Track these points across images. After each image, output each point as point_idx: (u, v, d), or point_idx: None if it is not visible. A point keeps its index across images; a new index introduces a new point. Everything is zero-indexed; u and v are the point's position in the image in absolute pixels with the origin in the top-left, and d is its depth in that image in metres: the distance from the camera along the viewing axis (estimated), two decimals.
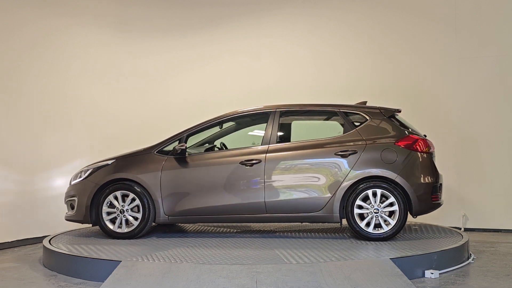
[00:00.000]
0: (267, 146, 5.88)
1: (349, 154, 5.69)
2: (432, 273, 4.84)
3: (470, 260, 5.58)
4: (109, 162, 6.01)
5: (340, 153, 5.71)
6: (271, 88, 8.52)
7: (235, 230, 6.48)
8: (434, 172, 5.77)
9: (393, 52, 8.25)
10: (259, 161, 5.78)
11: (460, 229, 7.48)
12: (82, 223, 6.13)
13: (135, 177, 5.85)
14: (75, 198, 5.97)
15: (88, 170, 6.05)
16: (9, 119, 6.96)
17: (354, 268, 4.46)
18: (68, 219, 6.14)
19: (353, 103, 6.46)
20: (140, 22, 8.61)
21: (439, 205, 5.84)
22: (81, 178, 6.03)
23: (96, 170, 5.99)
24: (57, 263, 5.25)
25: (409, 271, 4.66)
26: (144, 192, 5.83)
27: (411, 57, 8.17)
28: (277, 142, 5.90)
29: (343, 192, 5.64)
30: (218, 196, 5.78)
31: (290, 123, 6.37)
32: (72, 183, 6.15)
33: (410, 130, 5.96)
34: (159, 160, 5.91)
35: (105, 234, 5.89)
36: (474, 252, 6.04)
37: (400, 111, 6.19)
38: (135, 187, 5.84)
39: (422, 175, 5.69)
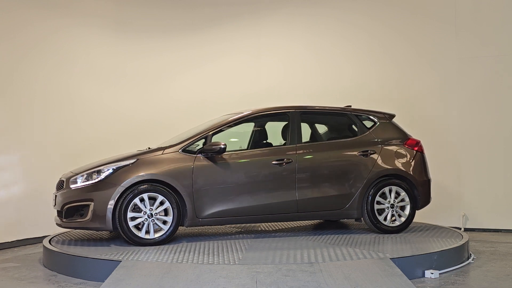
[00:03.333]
0: (295, 145, 5.99)
1: (370, 154, 6.14)
2: (432, 273, 4.84)
3: (470, 260, 5.58)
4: (131, 161, 5.50)
5: (362, 153, 6.13)
6: (272, 88, 8.52)
7: (234, 231, 6.48)
8: (428, 170, 6.47)
9: (393, 52, 8.26)
10: (291, 160, 5.85)
11: (460, 229, 7.47)
12: (98, 231, 5.69)
13: (165, 177, 5.43)
14: (90, 203, 5.33)
15: (103, 170, 5.45)
16: (11, 118, 6.96)
17: (354, 268, 4.46)
18: (74, 227, 5.52)
19: (344, 105, 6.77)
20: (141, 22, 8.60)
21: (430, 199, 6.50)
22: (96, 180, 5.42)
23: (116, 170, 5.45)
24: (57, 263, 5.24)
25: (409, 271, 4.65)
26: (175, 193, 5.48)
27: (411, 57, 8.17)
28: (303, 142, 6.08)
29: (365, 189, 6.04)
30: (253, 195, 5.75)
31: (308, 123, 6.57)
32: (76, 186, 5.49)
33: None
34: (188, 159, 5.61)
35: (131, 242, 5.36)
36: (474, 252, 6.04)
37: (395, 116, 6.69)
38: (165, 189, 5.45)
39: (424, 173, 6.36)
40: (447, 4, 7.98)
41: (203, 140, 5.80)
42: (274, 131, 6.51)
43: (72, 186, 5.54)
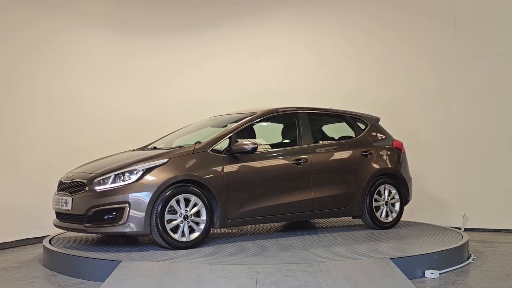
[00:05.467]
0: (307, 145, 6.13)
1: (369, 154, 6.46)
2: (432, 273, 4.84)
3: (470, 260, 5.58)
4: (163, 161, 5.25)
5: (363, 153, 6.44)
6: (271, 88, 8.52)
7: (234, 231, 6.48)
8: (408, 169, 6.85)
9: (393, 52, 8.25)
10: (307, 160, 5.99)
11: (460, 229, 7.47)
12: (133, 235, 5.50)
13: (201, 178, 5.29)
14: (125, 206, 5.02)
15: (136, 171, 5.16)
16: (12, 119, 6.95)
17: (354, 268, 4.46)
18: (106, 232, 5.18)
19: (347, 106, 7.03)
20: (141, 22, 8.60)
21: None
22: (130, 181, 5.11)
23: (150, 170, 5.18)
24: (57, 263, 5.24)
25: (409, 271, 4.66)
26: (208, 194, 5.35)
27: (411, 57, 8.17)
28: (313, 142, 6.22)
29: (366, 188, 6.34)
30: (277, 195, 5.82)
31: (312, 124, 6.62)
32: (103, 188, 5.12)
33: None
34: (218, 159, 5.50)
35: (167, 246, 5.14)
36: (474, 252, 6.04)
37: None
38: (198, 189, 5.29)
39: (407, 171, 6.80)
40: (447, 4, 7.97)
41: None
42: (262, 131, 6.53)
43: (97, 188, 5.15)
